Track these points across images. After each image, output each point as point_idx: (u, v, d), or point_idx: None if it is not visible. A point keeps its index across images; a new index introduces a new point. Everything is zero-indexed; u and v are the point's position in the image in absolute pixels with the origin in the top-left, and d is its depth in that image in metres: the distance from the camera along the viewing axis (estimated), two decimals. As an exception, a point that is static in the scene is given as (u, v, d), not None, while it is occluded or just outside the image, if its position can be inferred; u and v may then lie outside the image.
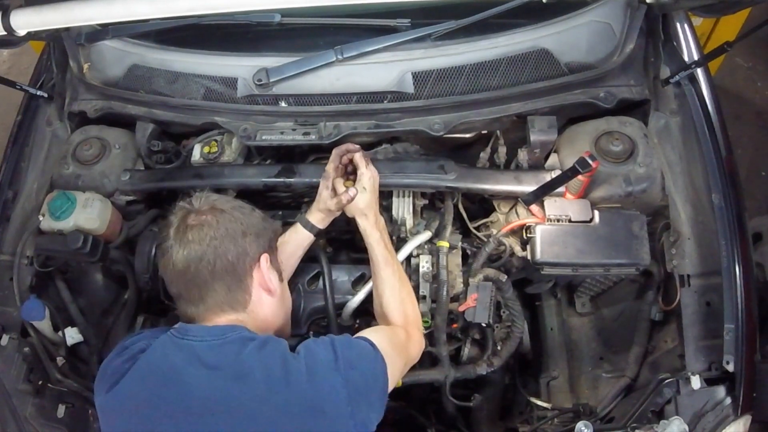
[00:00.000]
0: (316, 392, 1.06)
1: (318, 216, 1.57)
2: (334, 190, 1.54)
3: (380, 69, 1.62)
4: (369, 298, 1.60)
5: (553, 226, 1.55)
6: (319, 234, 1.60)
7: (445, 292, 1.60)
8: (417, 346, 1.45)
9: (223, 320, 1.17)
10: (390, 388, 1.21)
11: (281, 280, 1.30)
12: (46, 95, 1.90)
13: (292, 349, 1.15)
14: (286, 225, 1.67)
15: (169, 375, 1.09)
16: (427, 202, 1.75)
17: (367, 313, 1.66)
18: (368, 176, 1.52)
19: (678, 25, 1.79)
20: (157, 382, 1.09)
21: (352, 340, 1.20)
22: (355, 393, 1.09)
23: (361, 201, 1.51)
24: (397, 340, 1.35)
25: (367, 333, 1.28)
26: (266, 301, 1.24)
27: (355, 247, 1.78)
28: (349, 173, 1.60)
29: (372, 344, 1.20)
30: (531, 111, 1.62)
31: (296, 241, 1.58)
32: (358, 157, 1.55)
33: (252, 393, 1.05)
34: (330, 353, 1.12)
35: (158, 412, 1.07)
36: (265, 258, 1.22)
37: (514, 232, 1.66)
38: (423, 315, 1.64)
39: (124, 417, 1.12)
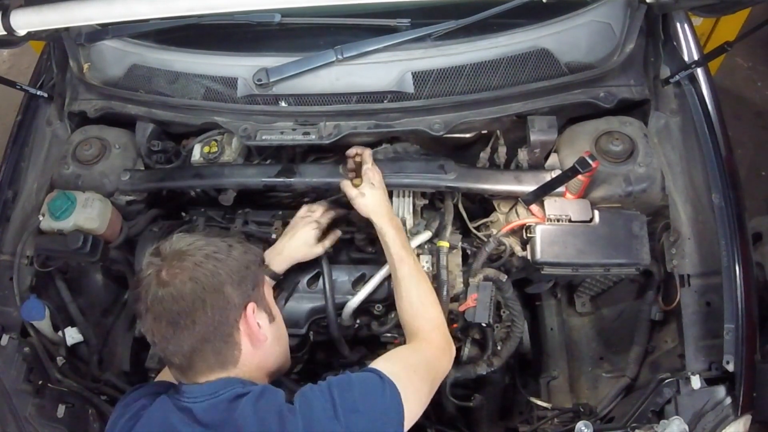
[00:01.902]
0: None
1: (278, 260, 1.54)
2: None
3: (380, 69, 1.62)
4: (369, 298, 1.60)
5: (553, 226, 1.55)
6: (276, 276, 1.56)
7: (445, 292, 1.60)
8: (446, 355, 1.36)
9: (214, 377, 1.11)
10: (414, 415, 1.14)
11: (272, 319, 1.21)
12: (46, 95, 1.90)
13: (291, 392, 1.10)
14: (286, 225, 1.67)
15: None
16: (427, 202, 1.75)
17: (367, 313, 1.66)
18: (374, 173, 1.52)
19: (678, 25, 1.79)
20: None
21: (352, 378, 1.12)
22: None
23: (372, 197, 1.49)
24: (417, 361, 1.25)
25: (378, 361, 1.20)
26: (258, 349, 1.16)
27: (355, 247, 1.78)
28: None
29: (379, 375, 1.12)
30: (531, 111, 1.62)
31: None
32: (367, 155, 1.55)
33: None
34: (327, 401, 1.06)
35: None
36: (251, 308, 1.13)
37: (514, 232, 1.66)
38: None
39: None
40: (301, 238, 1.56)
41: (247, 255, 1.17)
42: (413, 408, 1.14)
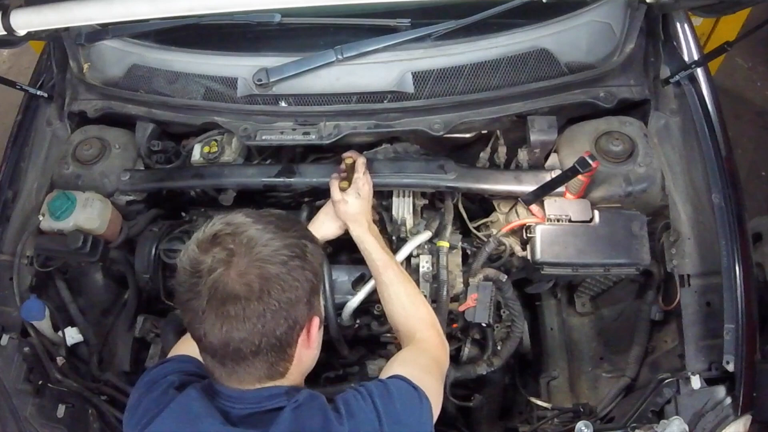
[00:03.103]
0: None
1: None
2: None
3: (380, 69, 1.62)
4: (369, 298, 1.60)
5: (553, 226, 1.55)
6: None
7: (445, 292, 1.60)
8: (444, 350, 1.37)
9: (260, 386, 1.03)
10: (435, 420, 1.14)
11: (321, 324, 1.11)
12: (46, 95, 1.90)
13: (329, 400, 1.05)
14: None
15: None
16: (427, 202, 1.75)
17: (367, 313, 1.66)
18: (363, 183, 1.52)
19: (678, 25, 1.79)
20: None
21: (390, 387, 1.09)
22: None
23: (354, 206, 1.50)
24: (427, 361, 1.27)
25: (399, 368, 1.17)
26: (305, 356, 1.08)
27: (355, 247, 1.77)
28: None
29: (413, 386, 1.11)
30: (531, 111, 1.62)
31: None
32: (360, 163, 1.55)
33: None
34: (371, 411, 1.03)
35: None
36: (316, 322, 1.05)
37: (514, 232, 1.66)
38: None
39: None
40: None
41: (316, 256, 1.04)
42: (436, 411, 1.15)
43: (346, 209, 1.50)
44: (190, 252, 0.98)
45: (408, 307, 1.42)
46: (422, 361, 1.26)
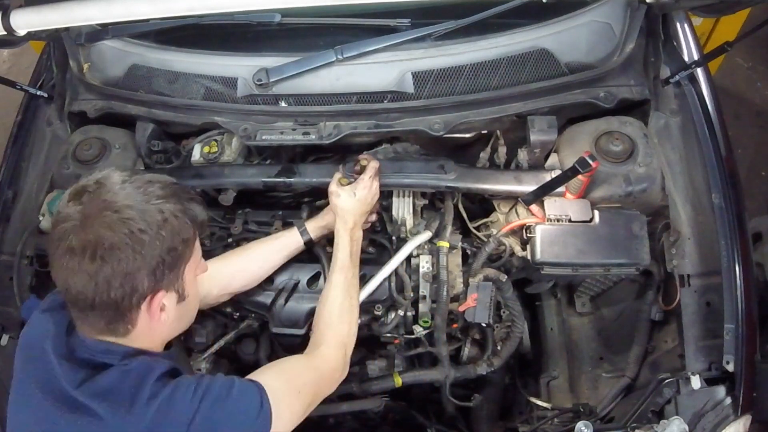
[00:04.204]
0: None
1: (315, 225, 1.59)
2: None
3: (380, 69, 1.62)
4: (369, 298, 1.60)
5: (553, 226, 1.55)
6: (309, 242, 1.60)
7: (445, 292, 1.60)
8: (337, 375, 1.35)
9: (100, 338, 1.07)
10: None
11: (182, 299, 1.12)
12: (46, 95, 1.90)
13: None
14: (286, 225, 1.67)
15: (41, 357, 1.08)
16: (427, 202, 1.75)
17: (367, 313, 1.66)
18: (364, 186, 1.51)
19: (678, 25, 1.79)
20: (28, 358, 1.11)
21: (233, 391, 1.06)
22: None
23: (345, 202, 1.49)
24: (307, 381, 1.24)
25: (273, 376, 1.17)
26: (155, 327, 1.09)
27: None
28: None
29: (261, 396, 1.07)
30: (531, 111, 1.62)
31: (284, 242, 1.58)
32: (370, 167, 1.54)
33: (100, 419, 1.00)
34: (191, 408, 1.01)
35: (28, 384, 1.08)
36: (160, 295, 1.05)
37: (514, 232, 1.66)
38: (423, 315, 1.64)
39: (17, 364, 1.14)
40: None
41: (179, 232, 1.05)
42: (281, 429, 1.11)
43: (337, 202, 1.50)
44: (63, 199, 1.05)
45: (333, 317, 1.41)
46: (303, 379, 1.23)
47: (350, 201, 1.50)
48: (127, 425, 0.99)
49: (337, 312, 1.41)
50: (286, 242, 1.59)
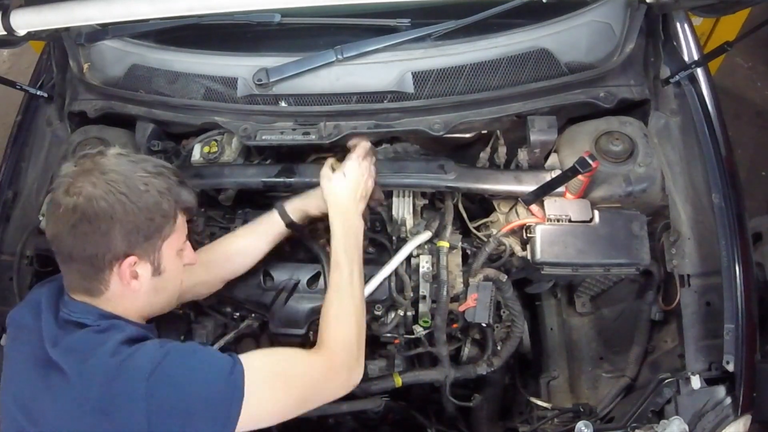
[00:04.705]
0: (109, 395, 1.01)
1: (295, 206, 1.56)
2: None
3: (380, 69, 1.62)
4: (369, 298, 1.60)
5: (553, 226, 1.55)
6: (298, 229, 1.58)
7: (445, 292, 1.60)
8: (339, 378, 1.26)
9: (80, 299, 1.15)
10: (256, 421, 1.08)
11: (158, 273, 1.17)
12: (46, 95, 1.90)
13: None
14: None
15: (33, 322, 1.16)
16: (427, 202, 1.75)
17: (367, 313, 1.66)
18: (351, 165, 1.49)
19: (678, 25, 1.79)
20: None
21: (199, 353, 1.09)
22: (159, 412, 1.00)
23: (337, 185, 1.46)
24: (297, 374, 1.19)
25: (254, 353, 1.18)
26: (128, 293, 1.15)
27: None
28: None
29: (232, 367, 1.06)
30: (531, 111, 1.62)
31: (264, 227, 1.56)
32: (360, 146, 1.54)
33: (65, 376, 1.05)
34: (150, 363, 1.03)
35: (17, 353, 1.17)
36: (130, 260, 1.11)
37: (514, 232, 1.66)
38: (423, 315, 1.64)
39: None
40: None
41: (159, 205, 1.13)
42: (257, 414, 1.08)
43: (329, 186, 1.48)
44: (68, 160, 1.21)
45: (330, 318, 1.34)
46: (294, 370, 1.20)
47: (342, 183, 1.47)
48: (84, 378, 1.03)
49: (333, 313, 1.35)
50: (266, 227, 1.56)
